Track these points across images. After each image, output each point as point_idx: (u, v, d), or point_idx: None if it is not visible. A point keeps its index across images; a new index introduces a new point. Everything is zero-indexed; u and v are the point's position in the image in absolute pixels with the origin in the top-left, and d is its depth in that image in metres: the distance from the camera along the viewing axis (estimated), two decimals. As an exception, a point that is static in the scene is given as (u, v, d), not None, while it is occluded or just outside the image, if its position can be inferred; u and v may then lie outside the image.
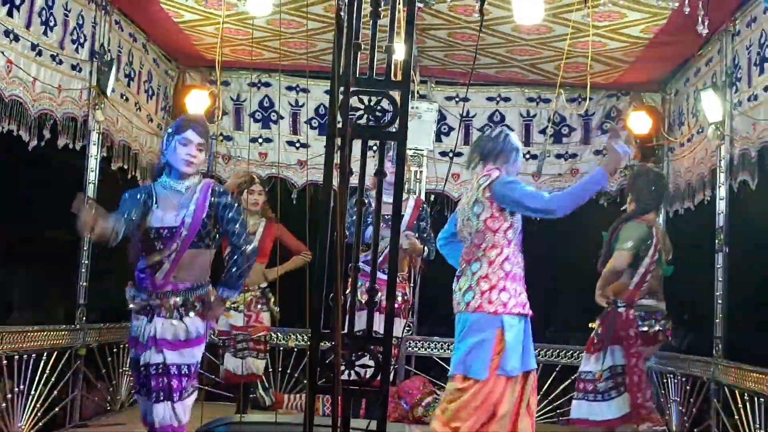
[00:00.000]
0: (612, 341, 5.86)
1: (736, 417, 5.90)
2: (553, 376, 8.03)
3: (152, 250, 4.60)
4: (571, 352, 8.18)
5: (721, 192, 6.55)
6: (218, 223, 4.65)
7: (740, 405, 5.84)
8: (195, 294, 4.60)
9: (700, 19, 5.08)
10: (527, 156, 8.35)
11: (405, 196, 6.51)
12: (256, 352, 6.98)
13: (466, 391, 4.65)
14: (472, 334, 4.71)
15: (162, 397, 4.50)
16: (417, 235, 6.65)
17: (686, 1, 5.41)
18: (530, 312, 4.78)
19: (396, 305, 6.49)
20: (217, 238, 4.70)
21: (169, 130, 4.70)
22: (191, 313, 4.58)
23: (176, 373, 4.52)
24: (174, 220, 4.57)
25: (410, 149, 8.18)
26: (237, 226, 4.63)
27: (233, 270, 4.63)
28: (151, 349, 4.52)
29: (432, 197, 8.55)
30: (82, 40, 6.34)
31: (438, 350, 8.20)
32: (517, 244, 4.82)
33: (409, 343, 8.18)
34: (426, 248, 6.59)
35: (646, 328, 5.85)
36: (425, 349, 8.31)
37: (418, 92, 8.32)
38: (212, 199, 4.63)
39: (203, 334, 4.64)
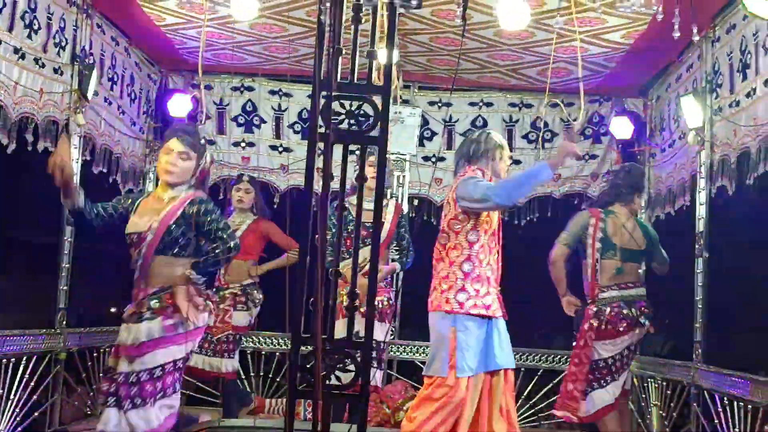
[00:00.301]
0: None
1: (716, 421, 5.92)
2: (534, 380, 8.05)
3: (130, 256, 4.64)
4: (552, 356, 8.20)
5: (701, 197, 6.59)
6: (198, 232, 4.62)
7: (720, 409, 5.87)
8: (162, 294, 4.57)
9: (676, 26, 5.10)
10: (510, 161, 8.35)
11: (384, 201, 6.51)
12: (213, 351, 6.91)
13: (429, 387, 4.81)
14: (434, 334, 4.87)
15: (110, 403, 4.43)
16: (396, 242, 6.68)
17: (660, 9, 5.43)
18: (496, 314, 4.80)
19: (380, 309, 6.51)
20: (196, 248, 4.66)
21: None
22: (151, 315, 4.51)
23: (123, 381, 4.44)
24: (144, 225, 4.59)
25: (393, 154, 8.20)
26: (221, 223, 4.63)
27: (209, 255, 4.59)
28: None
29: (415, 202, 8.57)
30: (63, 44, 6.31)
31: (420, 354, 8.21)
32: (486, 246, 4.83)
33: (391, 347, 8.19)
34: (399, 263, 6.66)
35: (596, 322, 5.95)
36: (407, 354, 8.32)
37: (401, 97, 8.33)
38: (188, 207, 4.61)
39: (161, 338, 4.50)
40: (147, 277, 4.58)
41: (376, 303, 5.74)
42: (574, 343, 6.23)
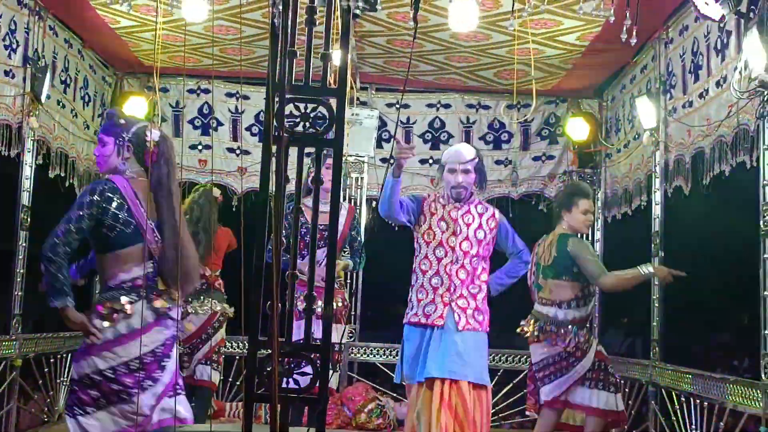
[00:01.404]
0: None
1: (673, 418, 6.00)
2: (494, 380, 8.05)
3: None
4: (512, 356, 8.23)
5: (657, 197, 6.66)
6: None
7: (677, 406, 5.94)
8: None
9: (625, 29, 5.15)
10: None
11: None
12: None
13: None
14: None
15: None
16: (347, 243, 6.63)
17: (612, 11, 5.49)
18: (436, 323, 4.89)
19: (335, 311, 6.48)
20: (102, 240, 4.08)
21: None
22: None
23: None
24: None
25: (351, 156, 8.19)
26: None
27: None
28: None
29: (374, 204, 8.56)
30: (14, 46, 6.22)
31: (381, 357, 8.20)
32: (430, 257, 5.00)
33: (352, 349, 8.17)
34: (352, 261, 6.64)
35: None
36: (368, 356, 8.30)
37: (358, 99, 8.32)
38: None
39: (82, 348, 4.03)
40: None
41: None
42: None
